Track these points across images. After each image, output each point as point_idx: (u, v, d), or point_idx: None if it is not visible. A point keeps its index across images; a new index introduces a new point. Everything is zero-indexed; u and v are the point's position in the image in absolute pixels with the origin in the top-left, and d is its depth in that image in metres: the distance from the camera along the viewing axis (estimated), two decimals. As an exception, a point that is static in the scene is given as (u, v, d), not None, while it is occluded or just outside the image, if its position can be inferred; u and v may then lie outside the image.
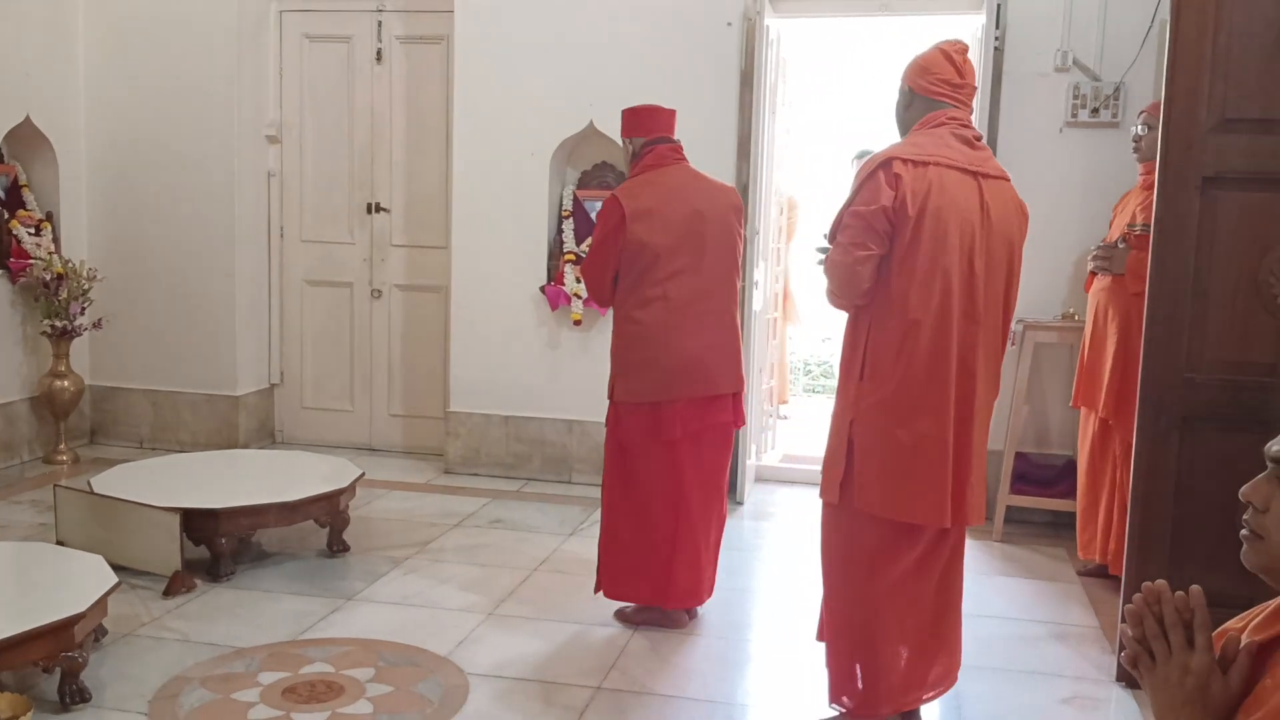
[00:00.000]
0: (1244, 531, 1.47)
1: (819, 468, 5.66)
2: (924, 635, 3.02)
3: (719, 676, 3.53)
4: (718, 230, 3.69)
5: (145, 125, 5.92)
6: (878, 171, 2.84)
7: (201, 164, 5.89)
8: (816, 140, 8.49)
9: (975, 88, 3.07)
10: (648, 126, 3.79)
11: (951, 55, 2.99)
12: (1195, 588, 1.48)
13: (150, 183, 5.96)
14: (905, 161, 2.83)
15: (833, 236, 2.93)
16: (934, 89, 2.97)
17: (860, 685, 3.02)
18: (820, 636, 3.20)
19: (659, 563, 3.73)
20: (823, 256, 3.03)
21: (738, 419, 3.81)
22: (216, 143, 5.87)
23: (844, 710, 3.07)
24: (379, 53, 5.98)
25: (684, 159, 3.80)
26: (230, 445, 5.93)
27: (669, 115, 3.84)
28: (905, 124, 3.04)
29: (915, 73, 3.01)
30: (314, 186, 6.16)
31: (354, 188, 6.11)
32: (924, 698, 3.08)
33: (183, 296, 5.99)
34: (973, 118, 3.06)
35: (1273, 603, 1.54)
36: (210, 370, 6.02)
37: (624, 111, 3.86)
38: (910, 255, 2.82)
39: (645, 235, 3.59)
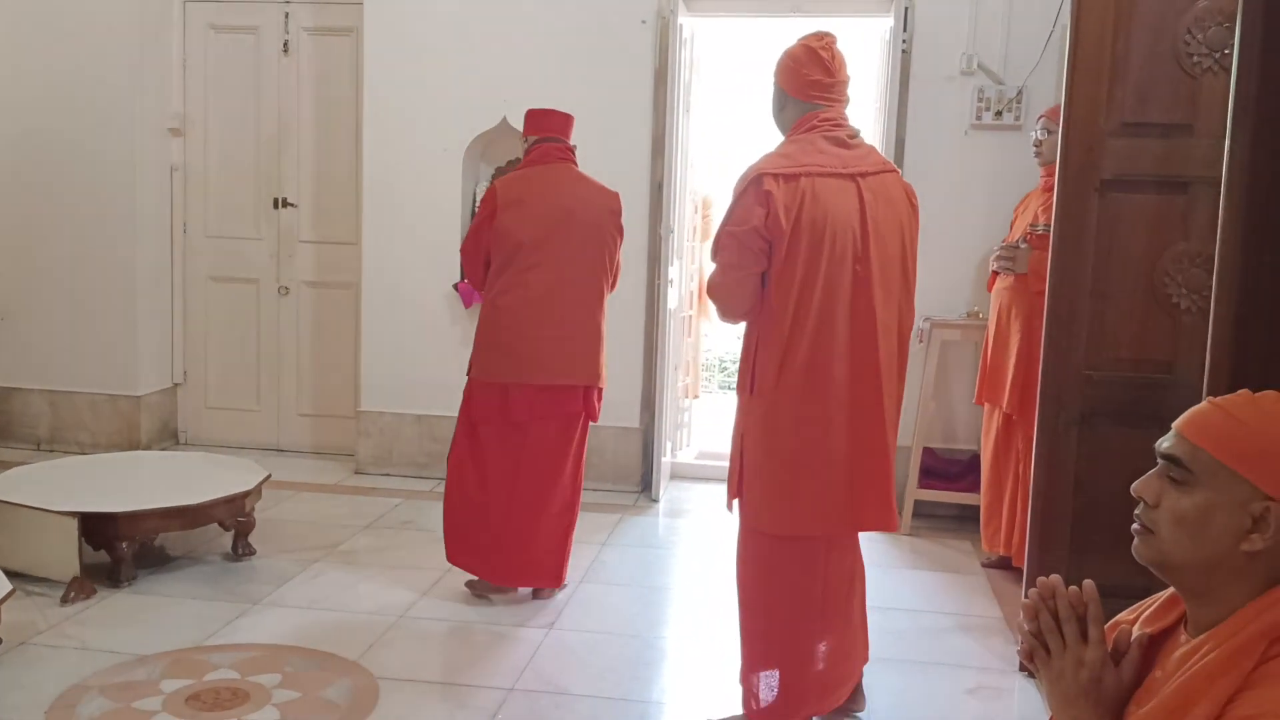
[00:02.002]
0: (1135, 526, 1.51)
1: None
2: (836, 638, 3.03)
3: (633, 675, 3.53)
4: (587, 230, 3.87)
5: (42, 117, 5.72)
6: (748, 190, 2.83)
7: (101, 157, 5.71)
8: (733, 140, 8.55)
9: (848, 79, 3.02)
10: (540, 126, 4.00)
11: (818, 52, 2.95)
12: (1088, 582, 1.53)
13: (47, 176, 5.75)
14: (775, 176, 2.81)
15: (713, 256, 2.92)
16: (807, 92, 2.95)
17: (775, 691, 2.99)
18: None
19: (489, 537, 3.91)
20: None
21: (589, 413, 3.95)
22: (117, 135, 5.70)
23: (750, 713, 3.05)
24: (286, 44, 5.86)
25: (570, 159, 3.99)
26: (132, 447, 5.77)
27: (562, 118, 4.03)
28: (783, 125, 3.03)
29: (785, 74, 2.98)
30: (219, 180, 6.02)
31: (260, 182, 5.98)
32: (839, 700, 3.09)
33: (82, 293, 5.81)
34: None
35: (1162, 595, 1.59)
36: (110, 369, 5.84)
37: (526, 112, 4.07)
38: (788, 269, 2.82)
39: (512, 225, 3.80)
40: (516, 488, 3.89)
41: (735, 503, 3.00)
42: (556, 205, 3.83)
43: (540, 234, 3.80)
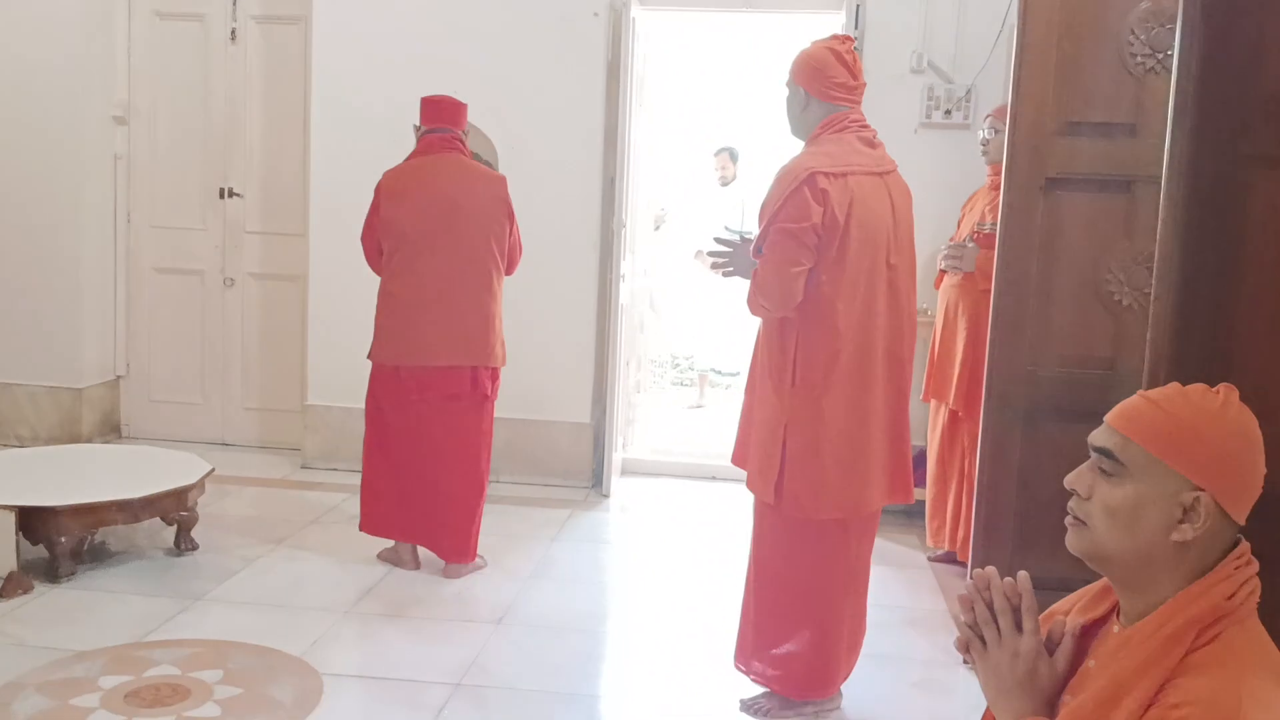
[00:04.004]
0: (1069, 518, 1.54)
1: (687, 460, 5.72)
2: (855, 615, 3.23)
3: (582, 670, 3.52)
4: (471, 219, 4.03)
5: (-20, 102, 5.60)
6: (802, 187, 2.89)
7: (43, 145, 5.59)
8: (685, 135, 8.57)
9: (865, 84, 3.13)
10: (428, 116, 4.17)
11: (843, 56, 3.05)
12: (1022, 574, 1.55)
13: (-15, 163, 5.63)
14: (828, 175, 2.91)
15: (757, 250, 3.00)
16: (832, 94, 3.04)
17: (809, 666, 3.13)
18: (740, 659, 3.25)
19: (400, 505, 4.13)
20: (722, 260, 3.14)
21: (480, 392, 4.09)
22: (59, 124, 5.58)
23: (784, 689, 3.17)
24: (233, 32, 5.77)
25: (457, 149, 4.15)
26: (73, 440, 5.65)
27: (452, 107, 4.18)
28: (804, 125, 3.10)
29: (809, 75, 3.05)
30: (164, 170, 5.91)
31: (206, 172, 5.88)
32: (847, 675, 3.28)
33: (21, 284, 5.68)
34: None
35: (1095, 585, 1.62)
36: (51, 361, 5.72)
37: (420, 100, 4.22)
38: (838, 266, 2.94)
39: (395, 216, 4.02)
40: (417, 465, 4.08)
41: (769, 492, 3.06)
42: (438, 196, 4.01)
43: (422, 224, 3.99)
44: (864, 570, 3.25)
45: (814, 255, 2.91)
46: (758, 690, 3.23)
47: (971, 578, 1.56)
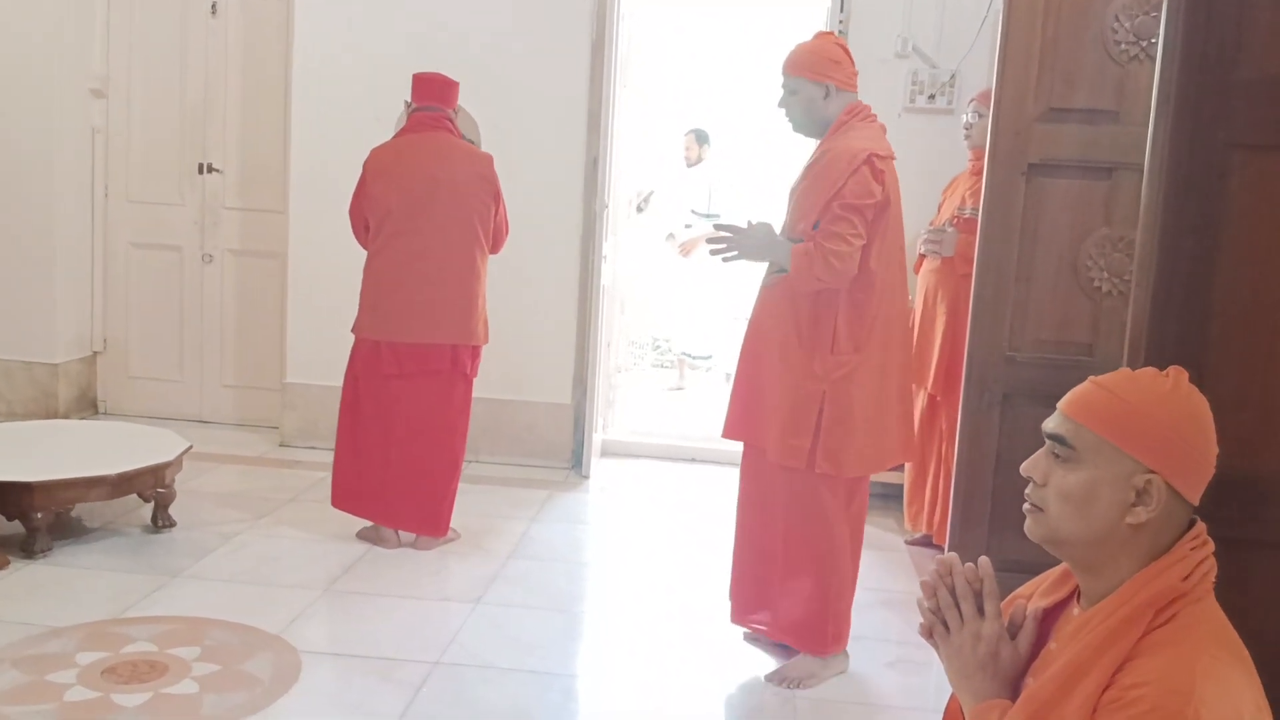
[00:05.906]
0: (1026, 505, 1.55)
1: (666, 441, 5.73)
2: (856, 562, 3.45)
3: (559, 648, 3.53)
4: (456, 197, 4.05)
5: (-46, 73, 5.52)
6: (863, 167, 3.06)
7: (19, 118, 5.52)
8: (676, 117, 8.54)
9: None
10: (418, 94, 4.17)
11: (845, 47, 3.25)
12: (984, 559, 1.57)
13: (-41, 135, 5.56)
14: (880, 156, 3.10)
15: (827, 225, 3.09)
16: (849, 83, 3.22)
17: (837, 622, 3.33)
18: (737, 617, 3.47)
19: (371, 483, 4.15)
20: (721, 247, 3.19)
21: (460, 369, 4.15)
22: (36, 96, 5.51)
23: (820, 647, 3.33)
24: (214, 6, 5.71)
25: (445, 129, 4.14)
26: (49, 415, 5.61)
27: (441, 85, 4.18)
28: (825, 118, 3.22)
29: (827, 67, 3.18)
30: (142, 144, 5.86)
31: (184, 147, 5.83)
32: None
33: (-5, 257, 5.64)
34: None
35: (1056, 569, 1.64)
36: (26, 335, 5.67)
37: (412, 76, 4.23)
38: (883, 241, 3.12)
39: (380, 193, 4.04)
40: (392, 438, 4.12)
41: (801, 458, 3.17)
42: (423, 175, 4.03)
43: (406, 202, 4.01)
44: (859, 527, 3.43)
45: (867, 229, 3.07)
46: (774, 663, 3.39)
47: (935, 563, 1.58)
